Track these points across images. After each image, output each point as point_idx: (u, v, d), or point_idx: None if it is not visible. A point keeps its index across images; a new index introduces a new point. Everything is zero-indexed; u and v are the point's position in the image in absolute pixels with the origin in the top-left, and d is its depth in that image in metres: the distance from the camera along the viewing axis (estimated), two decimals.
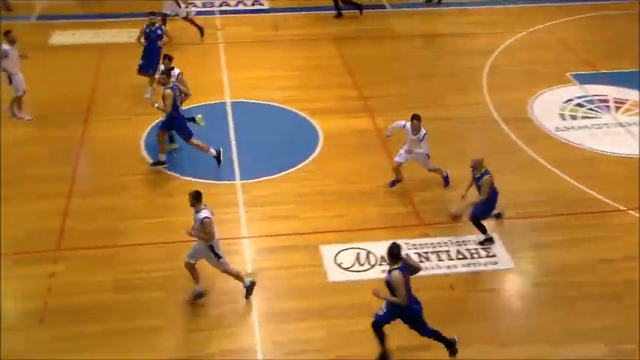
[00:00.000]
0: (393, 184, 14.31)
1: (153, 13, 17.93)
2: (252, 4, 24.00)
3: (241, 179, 14.69)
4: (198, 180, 14.54)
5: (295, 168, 15.06)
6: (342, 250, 12.70)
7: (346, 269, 12.30)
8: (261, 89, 18.22)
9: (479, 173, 12.57)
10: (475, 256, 12.63)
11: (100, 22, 22.07)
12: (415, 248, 12.71)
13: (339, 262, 12.45)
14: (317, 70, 19.56)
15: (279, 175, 14.75)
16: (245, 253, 12.78)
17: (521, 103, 17.67)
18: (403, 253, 10.09)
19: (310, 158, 15.42)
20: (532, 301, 11.95)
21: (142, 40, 17.67)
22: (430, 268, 12.27)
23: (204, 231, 10.90)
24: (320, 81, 18.85)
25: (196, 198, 11.03)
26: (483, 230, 12.87)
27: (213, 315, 11.28)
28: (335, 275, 12.18)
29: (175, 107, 14.72)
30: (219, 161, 15.09)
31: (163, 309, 11.41)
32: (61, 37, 20.99)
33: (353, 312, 11.31)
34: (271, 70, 19.35)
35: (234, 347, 10.75)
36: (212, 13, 23.34)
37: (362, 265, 12.37)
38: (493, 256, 12.64)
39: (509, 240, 13.01)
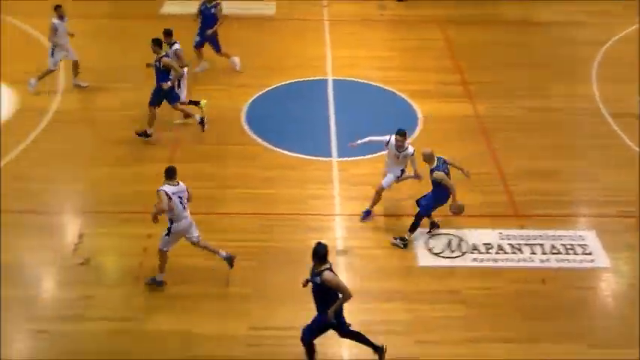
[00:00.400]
0: (367, 214, 13.00)
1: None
2: None
3: (338, 157, 14.76)
4: (295, 154, 14.71)
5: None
6: (434, 234, 12.63)
7: (437, 254, 12.23)
8: (362, 68, 18.22)
9: (431, 167, 12.09)
10: (570, 252, 12.34)
11: None
12: (509, 239, 12.52)
13: (430, 246, 12.40)
14: (420, 51, 19.38)
15: (376, 155, 14.70)
16: (337, 230, 12.88)
17: (632, 98, 17.03)
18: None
19: (408, 140, 15.30)
20: (625, 302, 11.59)
21: (198, 17, 17.68)
22: (522, 260, 12.08)
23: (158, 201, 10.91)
24: (422, 63, 18.69)
25: (167, 173, 11.10)
26: (413, 229, 12.30)
27: (301, 289, 11.39)
28: (425, 260, 12.13)
29: (158, 78, 14.75)
30: (202, 127, 15.22)
31: (254, 278, 11.65)
32: (172, 7, 21.46)
33: (439, 298, 11.29)
34: (374, 50, 19.31)
35: None
36: None
37: (453, 251, 12.27)
38: (589, 253, 12.31)
39: (607, 238, 12.64)
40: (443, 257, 12.16)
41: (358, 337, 10.03)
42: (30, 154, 14.65)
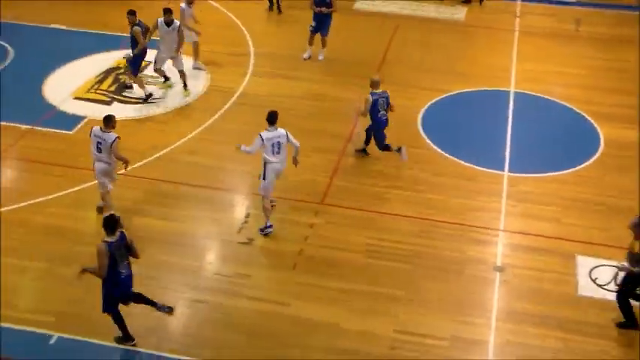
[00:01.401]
0: None
1: None
2: None
3: (509, 171, 14.45)
4: (466, 163, 14.55)
5: (567, 170, 14.48)
6: (601, 265, 12.07)
7: (600, 286, 11.68)
8: (547, 84, 17.67)
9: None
10: None
11: None
12: None
13: (594, 276, 11.87)
14: (611, 72, 18.50)
15: (549, 174, 14.29)
16: (499, 245, 12.63)
17: None
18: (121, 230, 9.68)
19: (585, 163, 14.74)
20: None
21: (313, 6, 18.01)
22: None
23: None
24: (612, 84, 17.83)
25: (269, 117, 12.20)
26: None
27: (452, 299, 11.33)
28: (586, 289, 11.62)
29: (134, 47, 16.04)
30: (145, 99, 16.25)
31: (406, 281, 11.67)
32: (365, 4, 21.80)
33: (595, 331, 10.80)
34: (562, 66, 18.65)
35: (467, 336, 10.72)
36: None
37: (618, 285, 11.69)
38: None
39: None
40: (606, 289, 11.60)
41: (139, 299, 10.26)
42: (211, 132, 15.44)
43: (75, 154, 14.47)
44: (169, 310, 10.60)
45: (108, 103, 16.36)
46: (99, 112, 15.87)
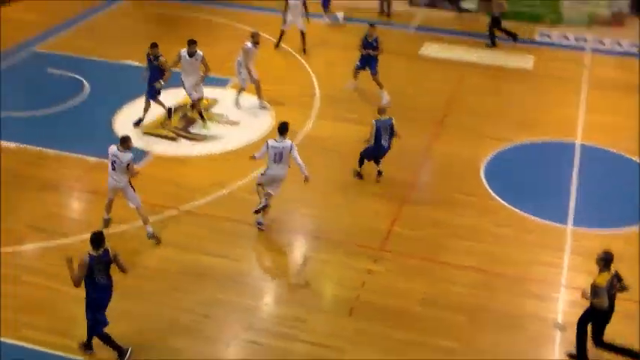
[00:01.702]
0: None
1: (372, 25, 18.54)
2: (626, 47, 22.85)
3: (573, 225, 14.18)
4: (529, 215, 14.33)
5: (633, 227, 14.15)
6: None
7: None
8: (616, 137, 17.31)
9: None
10: None
11: (470, 40, 22.55)
12: None
13: None
14: None
15: (615, 230, 13.97)
16: (559, 302, 12.35)
17: None
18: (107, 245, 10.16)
19: None
20: None
21: (361, 48, 18.41)
22: None
23: None
24: None
25: (280, 128, 13.43)
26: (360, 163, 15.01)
27: (509, 355, 11.10)
28: None
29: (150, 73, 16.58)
30: (169, 114, 17.01)
31: (462, 333, 11.49)
32: (431, 49, 21.87)
33: None
34: (631, 119, 18.27)
35: None
36: (582, 48, 22.65)
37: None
38: None
39: None
40: None
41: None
42: None
43: (139, 189, 14.69)
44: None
45: (174, 140, 16.70)
46: (165, 147, 16.27)
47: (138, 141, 16.45)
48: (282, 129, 13.44)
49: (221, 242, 13.43)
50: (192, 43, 16.78)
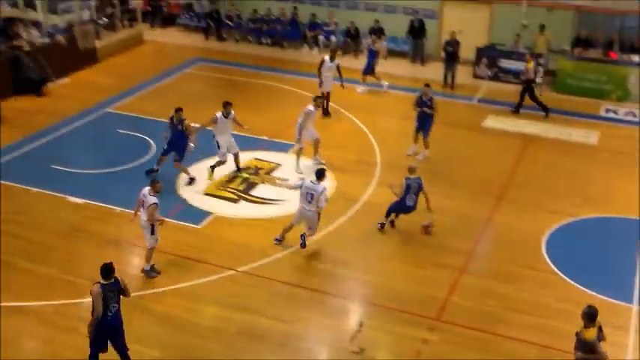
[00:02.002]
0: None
1: (427, 85, 18.93)
2: None
3: (638, 303, 13.76)
4: (591, 292, 13.95)
5: None
6: None
7: None
8: None
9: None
10: None
11: (534, 113, 22.45)
12: None
13: None
14: None
15: None
16: None
17: None
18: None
19: None
20: None
21: (416, 106, 18.87)
22: None
23: None
24: None
25: (317, 174, 14.67)
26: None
27: None
28: None
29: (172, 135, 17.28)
30: (190, 181, 17.44)
31: None
32: (494, 122, 21.84)
33: None
34: None
35: None
36: (635, 123, 22.33)
37: None
38: None
39: None
40: None
41: None
42: (332, 237, 15.61)
43: (199, 248, 14.98)
44: None
45: (235, 201, 16.92)
46: (226, 209, 16.48)
47: (200, 201, 16.80)
48: (319, 174, 14.73)
49: (277, 305, 13.43)
50: (227, 105, 17.67)
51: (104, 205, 16.45)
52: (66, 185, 17.15)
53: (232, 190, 17.36)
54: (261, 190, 17.40)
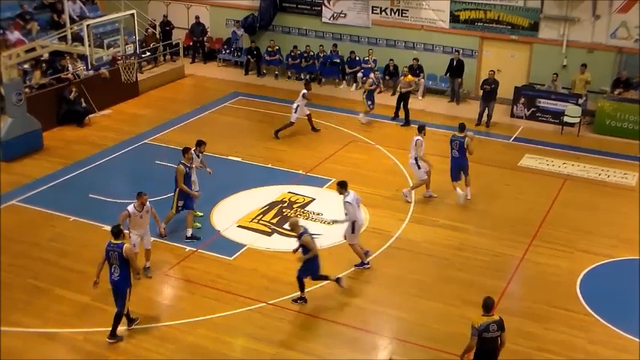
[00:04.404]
0: None
1: (462, 127, 18.49)
2: None
3: None
4: (627, 334, 13.69)
5: None
6: None
7: None
8: None
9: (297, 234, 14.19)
10: None
11: (571, 153, 22.29)
12: None
13: None
14: None
15: None
16: None
17: None
18: None
19: None
20: None
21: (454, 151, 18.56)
22: None
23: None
24: None
25: (339, 184, 15.39)
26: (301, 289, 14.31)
27: None
28: None
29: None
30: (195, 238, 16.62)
31: None
32: (531, 161, 21.70)
33: None
34: None
35: None
36: None
37: None
38: None
39: None
40: None
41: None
42: (363, 273, 15.58)
43: (231, 280, 15.07)
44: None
45: (268, 234, 17.01)
46: (259, 241, 16.57)
47: (233, 233, 16.92)
48: (341, 185, 15.39)
49: (306, 339, 13.43)
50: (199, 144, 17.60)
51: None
52: (102, 214, 17.41)
53: (266, 223, 17.46)
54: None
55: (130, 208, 14.71)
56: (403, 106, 24.33)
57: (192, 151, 17.12)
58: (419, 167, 18.46)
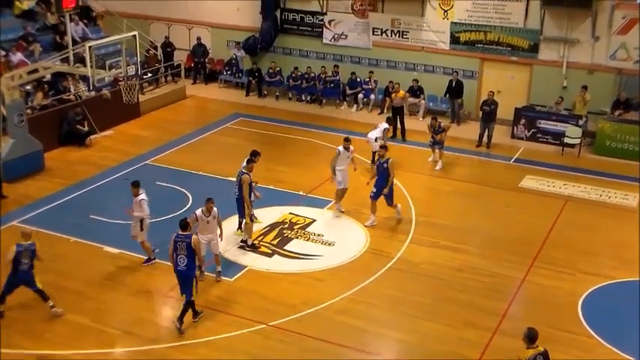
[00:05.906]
0: None
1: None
2: None
3: None
4: (628, 356, 13.65)
5: None
6: None
7: None
8: None
9: None
10: None
11: (572, 175, 22.31)
12: None
13: None
14: None
15: None
16: None
17: None
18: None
19: None
20: None
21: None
22: None
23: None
24: None
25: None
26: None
27: None
28: None
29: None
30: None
31: None
32: (531, 182, 21.71)
33: None
34: None
35: None
36: None
37: None
38: None
39: None
40: None
41: None
42: (363, 294, 15.52)
43: (231, 301, 15.03)
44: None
45: (269, 255, 16.97)
46: (260, 263, 16.55)
47: (234, 254, 16.90)
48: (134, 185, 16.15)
49: None
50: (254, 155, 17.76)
51: (138, 255, 16.62)
52: (103, 235, 17.42)
53: (267, 244, 17.44)
54: (295, 245, 17.44)
55: (198, 212, 15.38)
56: (400, 122, 24.46)
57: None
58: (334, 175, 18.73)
